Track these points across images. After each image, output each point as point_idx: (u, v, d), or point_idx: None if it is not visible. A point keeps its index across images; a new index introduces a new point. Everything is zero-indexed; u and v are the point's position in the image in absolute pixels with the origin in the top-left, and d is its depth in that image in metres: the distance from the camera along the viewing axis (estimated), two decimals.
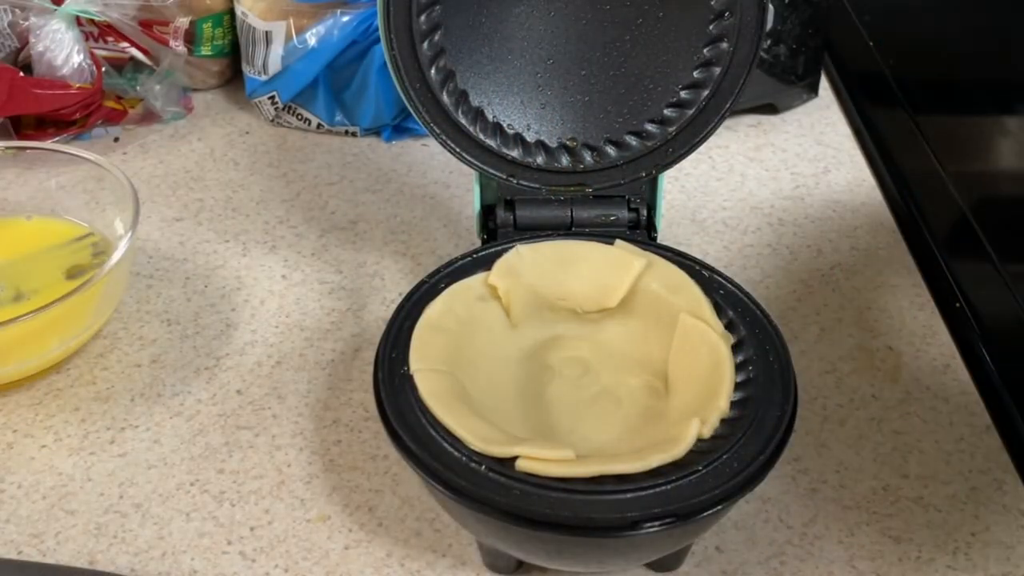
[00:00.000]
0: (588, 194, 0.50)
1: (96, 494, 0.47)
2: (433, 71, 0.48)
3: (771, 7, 0.65)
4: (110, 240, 0.56)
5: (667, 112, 0.49)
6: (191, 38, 0.71)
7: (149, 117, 0.70)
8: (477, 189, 0.51)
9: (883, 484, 0.48)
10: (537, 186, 0.50)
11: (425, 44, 0.47)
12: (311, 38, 0.67)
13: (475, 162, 0.49)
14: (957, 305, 0.57)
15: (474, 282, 0.46)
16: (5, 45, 0.68)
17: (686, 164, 0.65)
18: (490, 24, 0.48)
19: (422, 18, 0.47)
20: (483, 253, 0.47)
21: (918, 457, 0.49)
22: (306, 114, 0.70)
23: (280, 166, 0.68)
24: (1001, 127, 0.59)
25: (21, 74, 0.66)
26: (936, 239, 0.61)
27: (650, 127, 0.50)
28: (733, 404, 0.41)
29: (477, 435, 0.39)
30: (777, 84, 0.71)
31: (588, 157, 0.50)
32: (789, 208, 0.64)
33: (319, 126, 0.70)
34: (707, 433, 0.39)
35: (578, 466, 0.38)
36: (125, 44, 0.70)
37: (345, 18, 0.66)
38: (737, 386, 0.41)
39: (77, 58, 0.67)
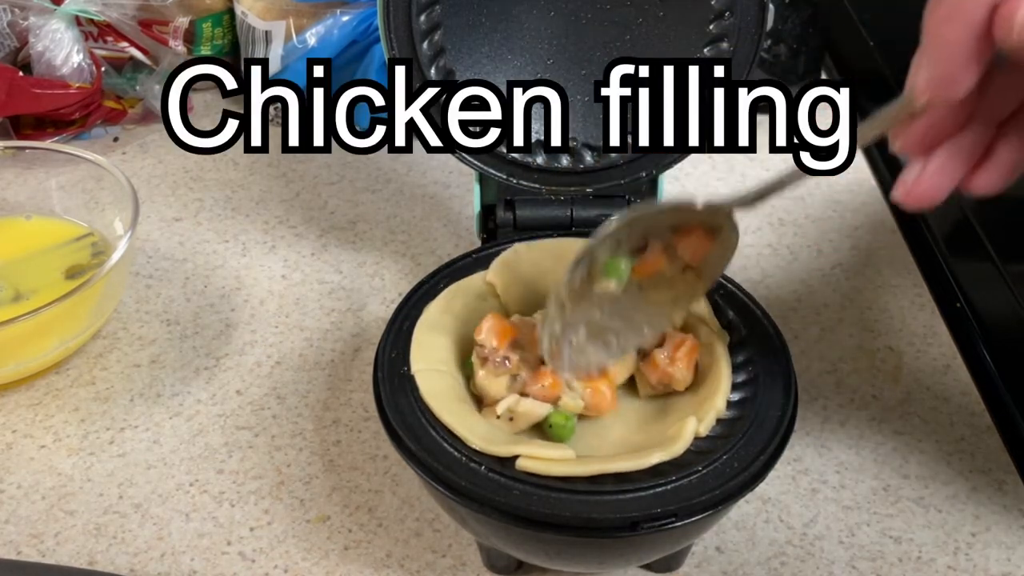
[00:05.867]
0: (588, 194, 0.50)
1: (95, 494, 0.47)
2: (433, 71, 0.48)
3: (771, 7, 0.65)
4: (109, 240, 0.56)
5: None
6: (191, 38, 0.71)
7: (148, 117, 0.70)
8: (477, 189, 0.51)
9: (884, 484, 0.48)
10: (537, 186, 0.50)
11: (425, 44, 0.47)
12: (311, 38, 0.67)
13: (475, 162, 0.49)
14: (958, 305, 0.57)
15: (473, 281, 0.46)
16: (5, 45, 0.68)
17: (686, 164, 0.65)
18: (490, 24, 0.48)
19: (422, 18, 0.47)
20: (483, 253, 0.47)
21: (919, 457, 0.49)
22: None
23: (279, 166, 0.68)
24: None
25: (20, 74, 0.66)
26: (936, 239, 0.61)
27: None
28: (733, 404, 0.41)
29: (477, 435, 0.39)
30: None
31: (588, 157, 0.50)
32: (789, 208, 0.64)
33: None
34: (704, 431, 0.39)
35: (578, 465, 0.38)
36: (124, 44, 0.70)
37: (345, 18, 0.66)
38: (737, 386, 0.41)
39: (76, 58, 0.66)
